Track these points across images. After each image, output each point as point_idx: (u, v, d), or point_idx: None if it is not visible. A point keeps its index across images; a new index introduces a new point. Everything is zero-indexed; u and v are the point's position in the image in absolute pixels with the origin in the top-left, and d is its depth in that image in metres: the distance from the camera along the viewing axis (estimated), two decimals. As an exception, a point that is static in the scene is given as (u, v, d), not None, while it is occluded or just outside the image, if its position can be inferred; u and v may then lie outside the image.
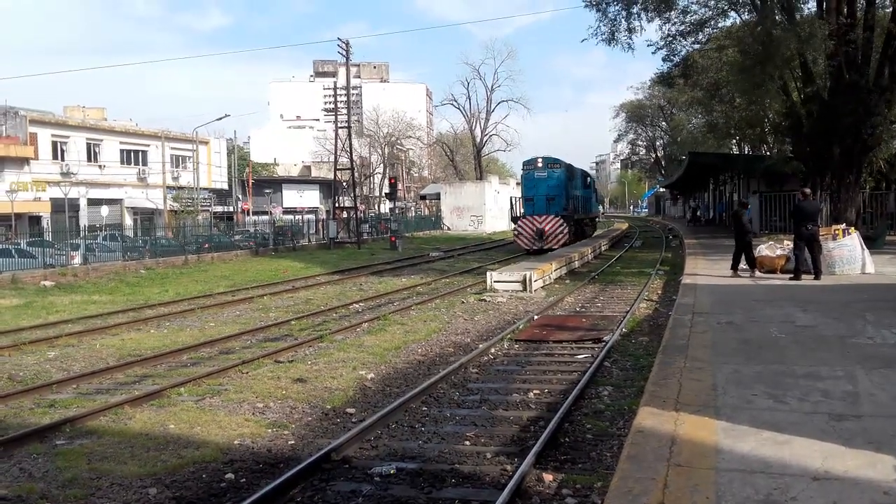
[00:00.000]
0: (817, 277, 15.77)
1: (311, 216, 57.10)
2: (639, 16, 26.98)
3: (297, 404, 9.22)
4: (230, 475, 6.79)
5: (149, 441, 7.82)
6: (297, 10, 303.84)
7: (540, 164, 35.16)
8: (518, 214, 35.20)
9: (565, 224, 33.72)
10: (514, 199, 36.32)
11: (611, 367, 10.65)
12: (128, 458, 7.31)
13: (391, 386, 10.09)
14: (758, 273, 17.13)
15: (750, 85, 25.20)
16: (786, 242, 18.40)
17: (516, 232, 35.10)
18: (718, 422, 6.04)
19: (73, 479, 6.73)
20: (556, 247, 32.54)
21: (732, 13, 29.13)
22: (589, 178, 46.73)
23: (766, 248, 17.86)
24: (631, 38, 27.57)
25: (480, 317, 15.98)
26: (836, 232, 16.97)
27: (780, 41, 22.22)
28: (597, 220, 55.56)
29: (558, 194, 34.26)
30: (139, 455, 7.38)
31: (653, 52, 31.89)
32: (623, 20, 27.00)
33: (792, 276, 16.06)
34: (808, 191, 17.29)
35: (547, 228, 33.71)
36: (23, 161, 44.82)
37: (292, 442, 7.77)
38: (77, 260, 29.69)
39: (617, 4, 26.88)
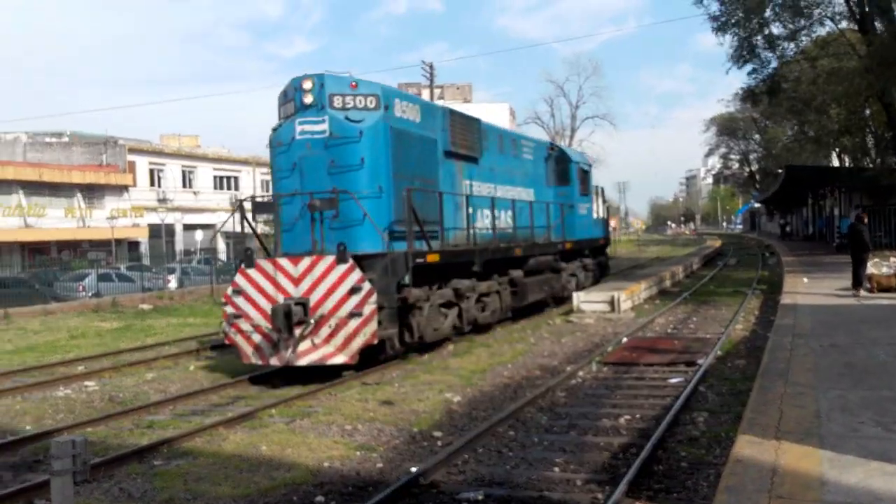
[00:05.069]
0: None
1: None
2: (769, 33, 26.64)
3: (384, 427, 9.24)
4: (320, 498, 6.84)
5: (242, 462, 7.96)
6: (381, 33, 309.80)
7: (309, 100, 12.61)
8: (243, 256, 13.04)
9: (375, 293, 11.75)
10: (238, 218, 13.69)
11: (706, 391, 10.27)
12: (222, 479, 7.46)
13: (477, 409, 10.00)
14: (862, 293, 16.29)
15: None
16: (892, 259, 17.50)
17: (228, 312, 12.66)
18: (823, 451, 5.73)
19: (170, 500, 6.90)
20: (345, 360, 11.84)
21: (829, 22, 28.20)
22: (572, 164, 22.48)
23: (872, 266, 16.97)
24: (773, 51, 27.26)
25: (567, 339, 15.74)
26: (948, 248, 16.04)
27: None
28: (606, 249, 27.63)
29: (368, 188, 12.51)
30: (233, 476, 7.52)
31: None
32: (759, 37, 26.79)
33: None
34: None
35: (316, 299, 11.89)
36: (122, 188, 47.10)
37: (380, 465, 7.77)
38: (172, 283, 30.92)
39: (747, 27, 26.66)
